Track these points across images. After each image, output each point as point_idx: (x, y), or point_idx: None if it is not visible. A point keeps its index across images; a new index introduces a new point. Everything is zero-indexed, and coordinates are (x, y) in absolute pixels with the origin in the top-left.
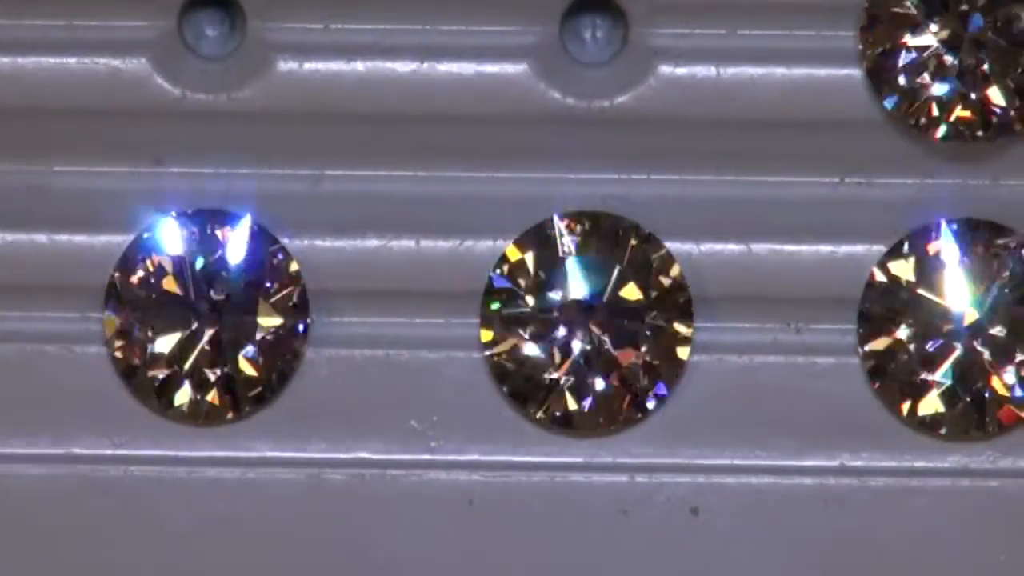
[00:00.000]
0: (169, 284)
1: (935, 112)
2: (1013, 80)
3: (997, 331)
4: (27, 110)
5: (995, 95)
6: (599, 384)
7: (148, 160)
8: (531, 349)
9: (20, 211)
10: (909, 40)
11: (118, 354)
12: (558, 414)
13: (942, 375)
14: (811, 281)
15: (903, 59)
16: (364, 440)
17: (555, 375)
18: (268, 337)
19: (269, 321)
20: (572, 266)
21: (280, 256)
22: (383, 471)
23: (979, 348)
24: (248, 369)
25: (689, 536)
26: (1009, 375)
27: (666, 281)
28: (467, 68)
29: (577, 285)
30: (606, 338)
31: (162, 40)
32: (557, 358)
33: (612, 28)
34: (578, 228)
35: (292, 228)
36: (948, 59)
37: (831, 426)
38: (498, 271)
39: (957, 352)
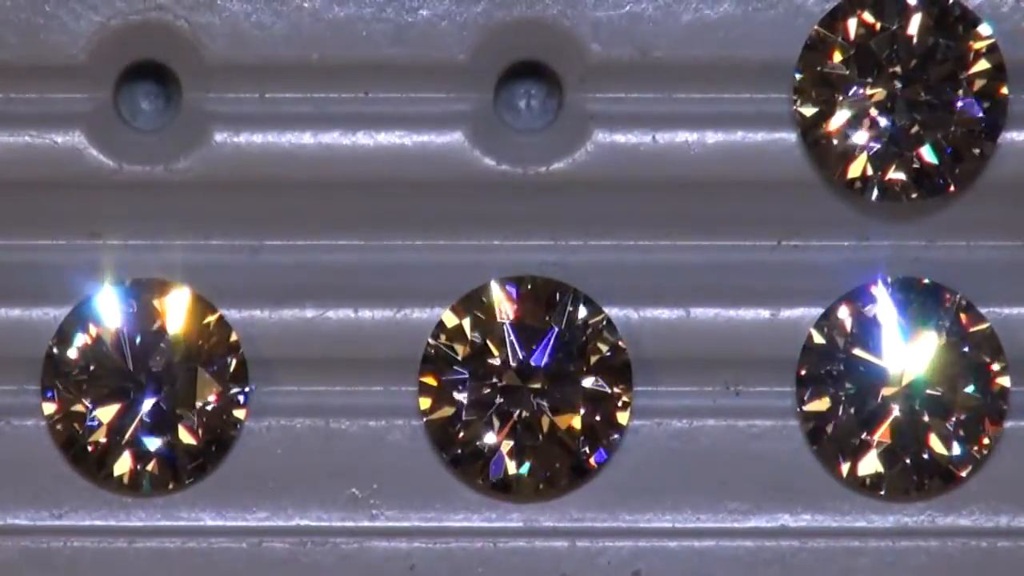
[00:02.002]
0: (107, 355)
1: (869, 173)
2: (946, 140)
3: (934, 391)
4: None
5: (928, 155)
6: (539, 449)
7: (85, 232)
8: (470, 415)
9: None
10: (842, 102)
11: (57, 426)
12: (498, 480)
13: (880, 436)
14: (750, 344)
15: (836, 121)
16: (305, 508)
17: (495, 441)
18: (208, 407)
19: (208, 391)
20: (510, 332)
21: (219, 326)
22: (324, 539)
23: (917, 408)
24: (188, 439)
25: None
26: (947, 434)
27: (604, 346)
28: (403, 136)
29: (515, 351)
30: (545, 403)
31: (98, 112)
32: (496, 424)
33: (547, 95)
34: (515, 294)
35: (231, 298)
36: (881, 120)
37: (772, 488)
38: (436, 338)
39: (895, 413)
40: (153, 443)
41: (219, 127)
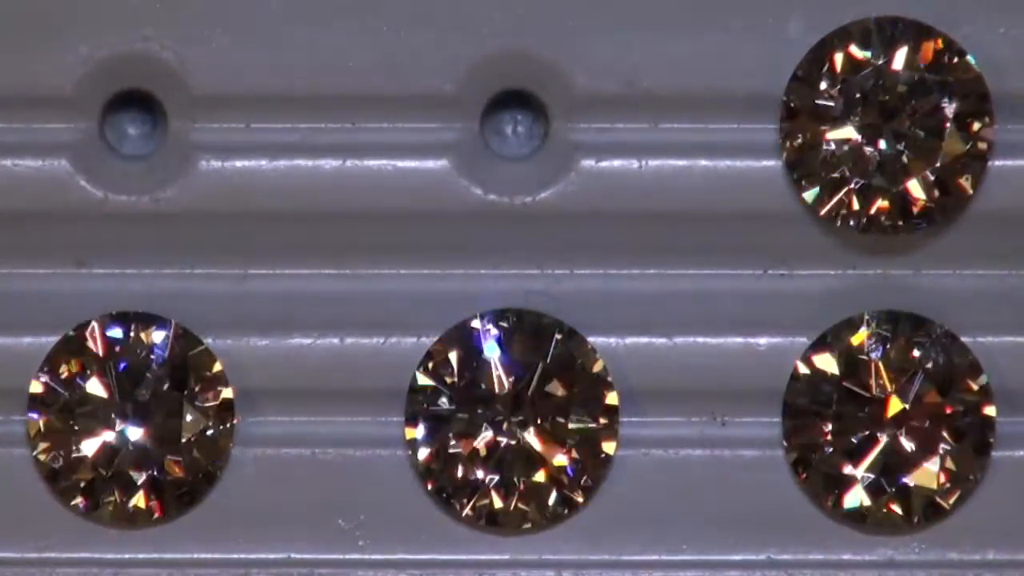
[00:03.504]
0: (93, 386)
1: (856, 204)
2: (932, 171)
3: (920, 423)
4: None
5: (914, 187)
6: (525, 481)
7: (71, 262)
8: (456, 447)
9: None
10: (829, 132)
11: (42, 457)
12: (484, 512)
13: (866, 467)
14: (735, 374)
15: (823, 151)
16: (291, 539)
17: (481, 472)
18: (194, 438)
19: (194, 422)
20: (496, 363)
21: (205, 356)
22: (311, 570)
23: (903, 440)
24: (174, 470)
25: None
26: (933, 466)
27: (590, 376)
28: (389, 165)
29: (501, 382)
30: (531, 435)
31: (84, 141)
32: (482, 455)
33: (533, 124)
34: (502, 325)
35: (217, 328)
36: (868, 151)
37: (758, 519)
38: (422, 369)
39: (881, 444)
40: (139, 474)
41: (205, 157)
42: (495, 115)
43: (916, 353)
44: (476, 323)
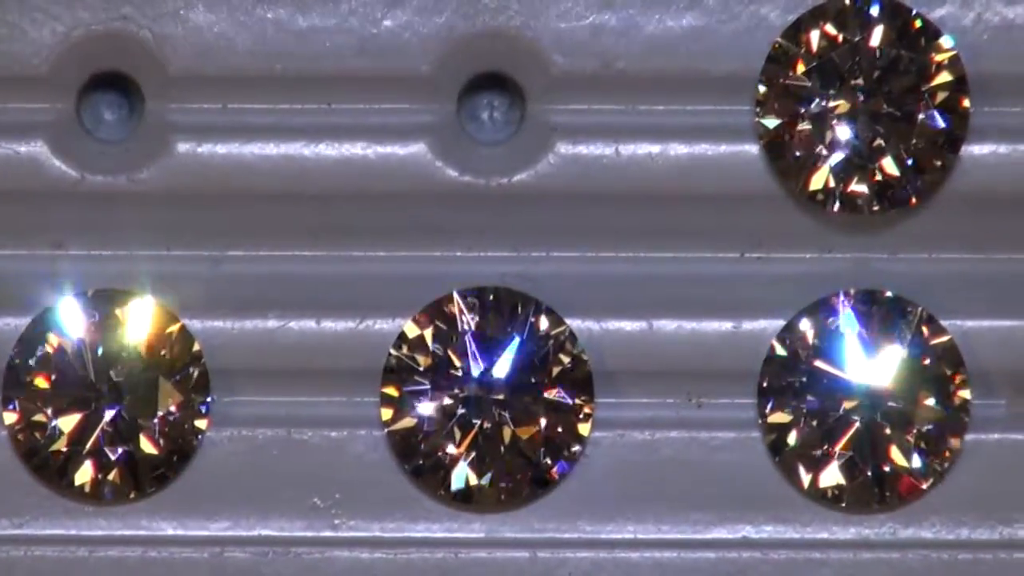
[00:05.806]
0: (69, 365)
1: (832, 183)
2: (908, 152)
3: (896, 403)
4: None
5: (890, 167)
6: (500, 460)
7: (47, 243)
8: (432, 426)
9: None
10: (804, 113)
11: (18, 436)
12: (460, 490)
13: (842, 448)
14: (711, 355)
15: (799, 132)
16: (267, 518)
17: (456, 451)
18: (169, 417)
19: (170, 401)
20: (471, 343)
21: (181, 336)
22: (286, 549)
23: (878, 420)
24: (149, 448)
25: None
26: (908, 447)
27: (566, 357)
28: (365, 148)
29: (477, 362)
30: (507, 414)
31: (60, 123)
32: (458, 435)
33: (509, 106)
34: (477, 305)
35: (193, 308)
36: (843, 132)
37: (733, 499)
38: (397, 349)
39: (857, 425)
40: (115, 452)
41: (182, 138)
42: (471, 101)
43: (892, 334)
44: (452, 301)
